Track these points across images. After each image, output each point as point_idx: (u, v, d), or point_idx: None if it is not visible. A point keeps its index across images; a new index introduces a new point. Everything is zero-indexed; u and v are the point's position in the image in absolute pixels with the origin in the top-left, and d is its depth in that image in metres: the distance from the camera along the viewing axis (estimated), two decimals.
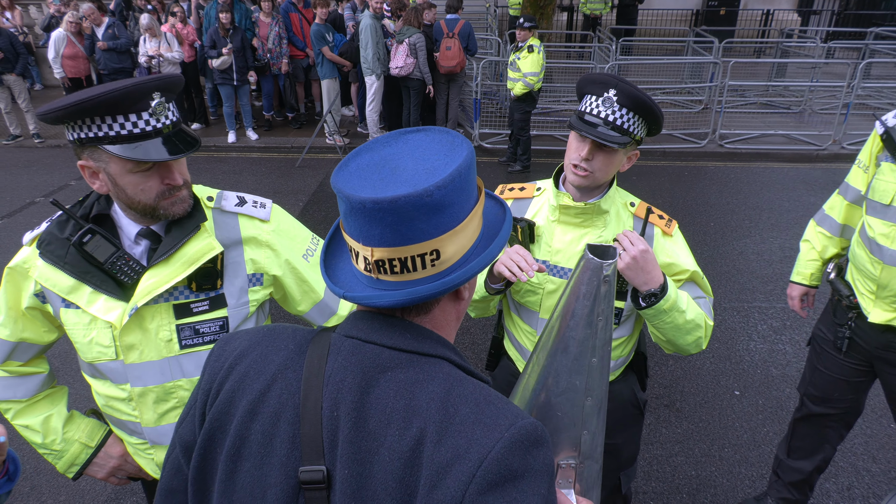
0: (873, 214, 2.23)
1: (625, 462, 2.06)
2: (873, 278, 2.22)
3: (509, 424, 0.81)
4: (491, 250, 0.89)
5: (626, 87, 1.64)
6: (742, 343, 4.31)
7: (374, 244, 0.84)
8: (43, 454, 1.64)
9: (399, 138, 0.93)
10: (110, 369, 1.51)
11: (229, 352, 0.98)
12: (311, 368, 0.89)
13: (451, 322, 0.97)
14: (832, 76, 10.97)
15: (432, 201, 0.81)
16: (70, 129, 1.33)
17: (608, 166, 1.71)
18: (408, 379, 0.86)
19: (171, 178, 1.41)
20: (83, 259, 1.43)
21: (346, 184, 0.85)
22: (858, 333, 2.37)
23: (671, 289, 1.67)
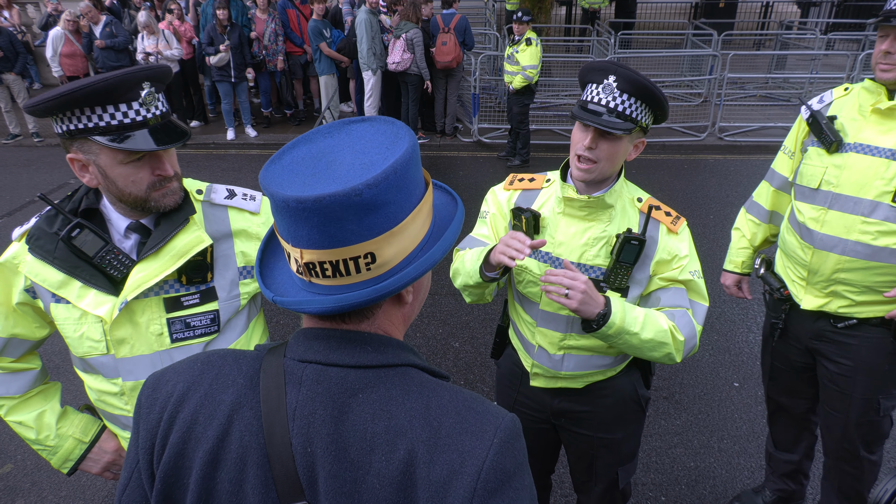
0: (802, 199, 2.23)
1: (624, 458, 2.06)
2: (804, 264, 2.22)
3: (494, 428, 0.80)
4: (433, 253, 0.83)
5: (626, 73, 1.62)
6: (741, 335, 4.30)
7: (302, 245, 0.79)
8: (37, 450, 1.64)
9: (342, 129, 0.87)
10: (102, 364, 1.51)
11: (163, 398, 0.88)
12: (269, 403, 0.82)
13: (399, 325, 0.91)
14: (832, 68, 10.92)
15: (362, 201, 0.75)
16: (59, 122, 1.33)
17: (613, 155, 1.68)
18: (381, 398, 0.81)
19: (162, 169, 1.41)
20: (72, 253, 1.42)
21: (273, 179, 0.80)
22: (793, 324, 2.38)
23: (614, 315, 1.62)
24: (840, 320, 2.21)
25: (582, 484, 2.16)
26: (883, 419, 2.30)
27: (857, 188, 2.05)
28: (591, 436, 2.00)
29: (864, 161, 2.05)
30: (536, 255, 1.83)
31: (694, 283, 1.78)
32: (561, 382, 1.94)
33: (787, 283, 2.35)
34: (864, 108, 2.09)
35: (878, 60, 2.01)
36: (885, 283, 2.07)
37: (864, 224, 2.03)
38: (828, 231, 2.12)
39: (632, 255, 1.71)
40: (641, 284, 1.78)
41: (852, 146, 2.08)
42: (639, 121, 1.65)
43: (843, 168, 2.08)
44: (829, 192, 2.12)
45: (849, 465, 2.40)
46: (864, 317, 2.16)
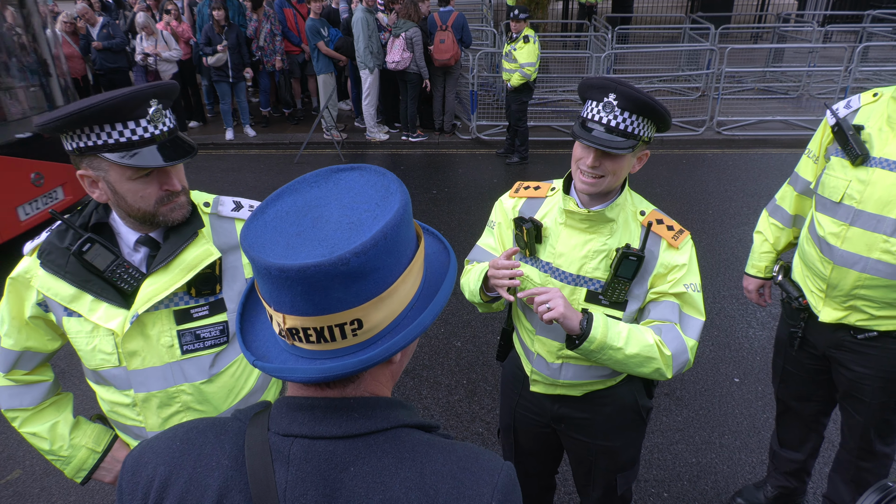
0: (823, 212, 2.17)
1: (622, 465, 2.07)
2: (823, 277, 2.18)
3: (491, 489, 0.79)
4: (424, 318, 0.79)
5: (626, 90, 1.60)
6: (741, 330, 4.33)
7: (285, 311, 0.74)
8: (51, 460, 1.67)
9: (329, 178, 0.83)
10: (113, 376, 1.54)
11: (145, 483, 0.83)
12: (258, 484, 0.78)
13: (387, 383, 0.87)
14: (830, 60, 10.93)
15: (349, 270, 0.71)
16: (68, 139, 1.35)
17: (617, 171, 1.68)
18: (374, 469, 0.78)
19: (170, 184, 1.43)
20: (83, 268, 1.45)
21: (255, 240, 0.76)
22: (811, 332, 2.35)
23: (595, 329, 1.63)
24: (860, 332, 2.18)
25: (582, 487, 2.20)
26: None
27: (880, 206, 1.98)
28: (590, 442, 2.02)
29: (890, 178, 1.97)
30: (537, 264, 1.85)
31: (689, 296, 1.75)
32: (560, 390, 1.96)
33: (806, 292, 2.32)
34: (893, 119, 2.01)
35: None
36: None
37: (886, 243, 1.98)
38: (849, 248, 2.07)
39: (630, 271, 1.71)
40: (640, 299, 1.78)
41: (878, 161, 2.00)
42: (641, 136, 1.64)
43: (868, 184, 2.01)
44: (852, 208, 2.05)
45: (865, 461, 2.43)
46: (884, 329, 2.14)
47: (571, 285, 1.80)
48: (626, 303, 1.77)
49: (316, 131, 8.44)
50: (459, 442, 0.86)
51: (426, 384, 3.87)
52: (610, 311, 1.77)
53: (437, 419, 3.59)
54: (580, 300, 1.80)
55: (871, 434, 2.35)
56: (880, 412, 2.29)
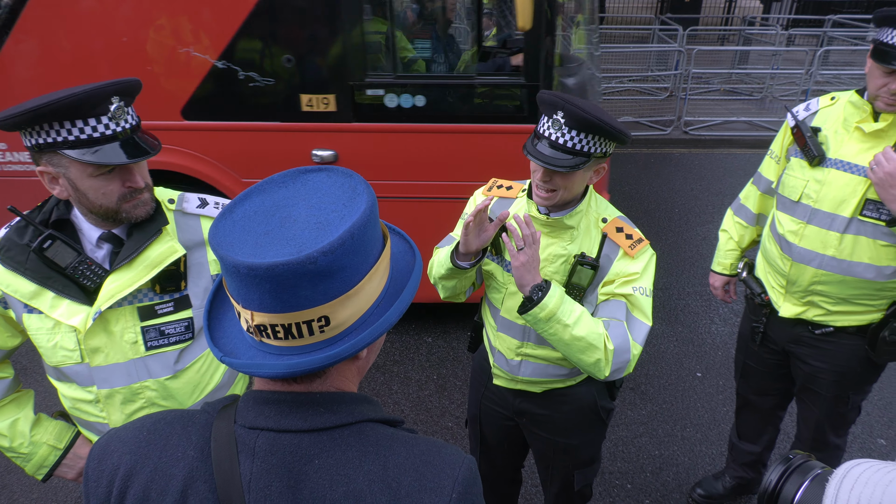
0: (783, 210, 2.25)
1: (580, 462, 2.11)
2: (783, 274, 2.27)
3: (452, 482, 0.82)
4: (389, 315, 0.81)
5: (573, 109, 1.57)
6: (704, 326, 4.45)
7: (253, 308, 0.76)
8: (11, 457, 1.65)
9: (297, 178, 0.84)
10: (76, 372, 1.53)
11: (110, 471, 0.84)
12: (223, 475, 0.80)
13: (353, 378, 0.90)
14: (792, 63, 11.22)
15: (317, 269, 0.72)
16: (27, 136, 1.34)
17: (570, 186, 1.68)
18: (338, 462, 0.80)
19: (133, 181, 1.43)
20: (44, 264, 1.44)
21: (223, 238, 0.77)
22: (771, 328, 2.44)
23: (550, 296, 1.61)
24: (818, 327, 2.27)
25: (544, 481, 2.25)
26: (851, 410, 2.42)
27: (835, 205, 2.07)
28: (550, 438, 2.06)
29: (843, 178, 2.06)
30: (501, 262, 1.88)
31: (636, 298, 1.73)
32: (520, 385, 1.99)
33: (768, 288, 2.41)
34: (848, 122, 2.08)
35: (880, 94, 1.95)
36: (859, 295, 2.14)
37: (839, 240, 2.07)
38: (805, 245, 2.15)
39: (584, 279, 1.72)
40: (593, 304, 1.80)
41: (833, 162, 2.09)
42: (592, 153, 1.63)
43: (824, 184, 2.09)
44: (809, 207, 2.14)
45: (820, 451, 2.52)
46: (840, 325, 2.23)
47: None
48: (583, 298, 1.80)
49: None
50: (423, 437, 0.88)
51: (397, 379, 3.89)
52: None
53: (406, 414, 3.61)
54: None
55: (825, 426, 2.45)
56: (834, 405, 2.38)
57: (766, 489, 0.87)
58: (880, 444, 3.38)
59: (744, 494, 3.01)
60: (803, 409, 2.53)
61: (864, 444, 3.38)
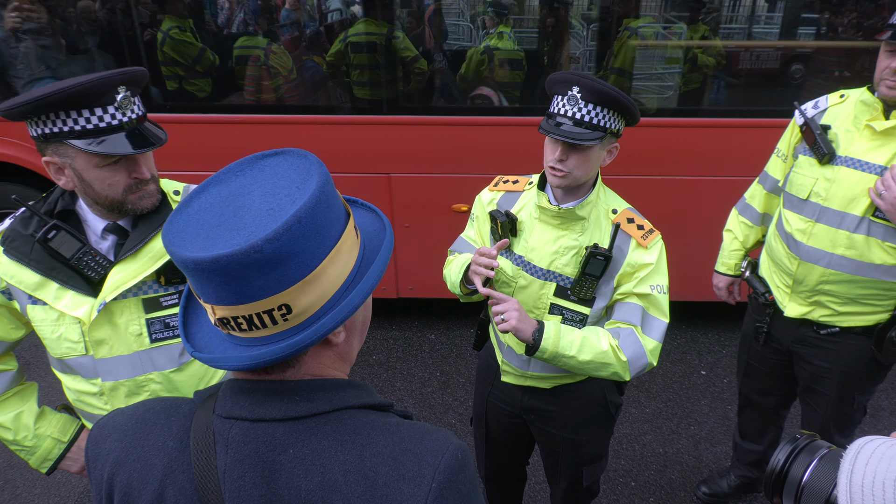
0: (790, 209, 2.22)
1: (589, 458, 2.10)
2: (789, 273, 2.24)
3: (433, 471, 0.78)
4: (352, 298, 0.78)
5: (589, 83, 1.61)
6: (709, 323, 4.42)
7: (212, 302, 0.75)
8: (15, 451, 1.64)
9: (254, 165, 0.81)
10: (80, 364, 1.52)
11: (103, 457, 0.86)
12: (200, 466, 0.79)
13: (333, 364, 0.86)
14: None
15: (263, 257, 0.69)
16: (33, 125, 1.33)
17: (585, 164, 1.69)
18: (313, 452, 0.78)
19: (139, 172, 1.42)
20: (49, 255, 1.43)
21: (176, 234, 0.75)
22: (775, 328, 2.41)
23: (546, 340, 1.68)
24: (823, 327, 2.24)
25: (551, 478, 2.24)
26: (856, 411, 2.39)
27: (845, 203, 2.04)
28: (558, 434, 2.05)
29: (854, 176, 2.03)
30: (510, 256, 1.87)
31: (654, 297, 1.75)
32: (529, 381, 1.98)
33: (772, 288, 2.37)
34: (859, 120, 2.05)
35: (883, 76, 1.93)
36: (867, 295, 2.11)
37: (849, 239, 2.04)
38: (814, 244, 2.12)
39: (597, 270, 1.72)
40: (607, 296, 1.79)
41: (843, 160, 2.06)
42: (608, 128, 1.65)
43: (833, 182, 2.07)
44: (818, 205, 2.11)
45: None
46: (846, 325, 2.20)
47: (542, 280, 1.82)
48: (593, 300, 1.80)
49: None
50: (408, 423, 0.85)
51: (399, 376, 3.88)
52: (577, 306, 1.80)
53: (410, 411, 3.60)
54: (549, 295, 1.82)
55: (830, 427, 2.43)
56: (839, 406, 2.36)
57: (774, 469, 0.86)
58: None
59: (749, 493, 2.99)
60: (807, 409, 2.50)
61: None
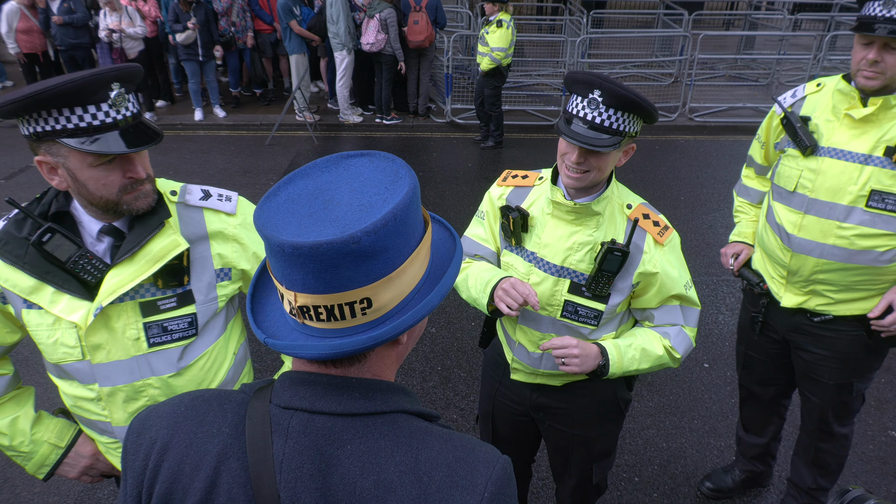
0: (780, 201, 2.25)
1: (599, 455, 2.10)
2: (783, 265, 2.26)
3: (486, 481, 0.79)
4: (431, 299, 0.81)
5: (611, 87, 1.58)
6: (711, 316, 4.41)
7: (297, 289, 0.77)
8: (11, 456, 1.61)
9: (339, 163, 0.85)
10: (77, 370, 1.48)
11: (147, 445, 0.86)
12: (256, 453, 0.80)
13: (391, 366, 0.89)
14: (799, 48, 11.07)
15: (360, 248, 0.73)
16: (24, 123, 1.28)
17: (603, 167, 1.67)
18: (370, 450, 0.79)
19: (134, 172, 1.37)
20: (43, 258, 1.38)
21: (269, 220, 0.78)
22: (771, 317, 2.43)
23: (613, 366, 1.75)
24: (816, 315, 2.26)
25: (559, 475, 2.22)
26: (855, 399, 2.40)
27: (831, 193, 2.07)
28: (568, 432, 2.03)
29: (838, 166, 2.06)
30: (522, 253, 1.84)
31: (686, 295, 1.81)
32: (540, 379, 1.96)
33: (767, 279, 2.39)
34: (837, 110, 2.09)
35: (860, 68, 1.98)
36: (862, 282, 2.13)
37: (840, 229, 2.06)
38: (805, 235, 2.15)
39: (614, 266, 1.71)
40: (624, 293, 1.78)
41: (826, 150, 2.09)
42: (626, 132, 1.62)
43: (819, 173, 2.09)
44: (805, 197, 2.13)
45: (823, 441, 2.51)
46: (839, 314, 2.21)
47: (555, 276, 1.79)
48: (608, 296, 1.77)
49: (288, 113, 8.27)
50: (458, 433, 0.86)
51: (400, 371, 3.85)
52: (592, 303, 1.78)
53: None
54: (563, 291, 1.79)
55: (828, 416, 2.43)
56: (838, 394, 2.36)
57: None
58: (892, 437, 3.35)
59: (753, 487, 2.98)
60: (806, 399, 2.50)
61: (874, 436, 3.35)
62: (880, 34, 1.88)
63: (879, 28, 1.89)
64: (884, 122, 2.00)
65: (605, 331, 1.86)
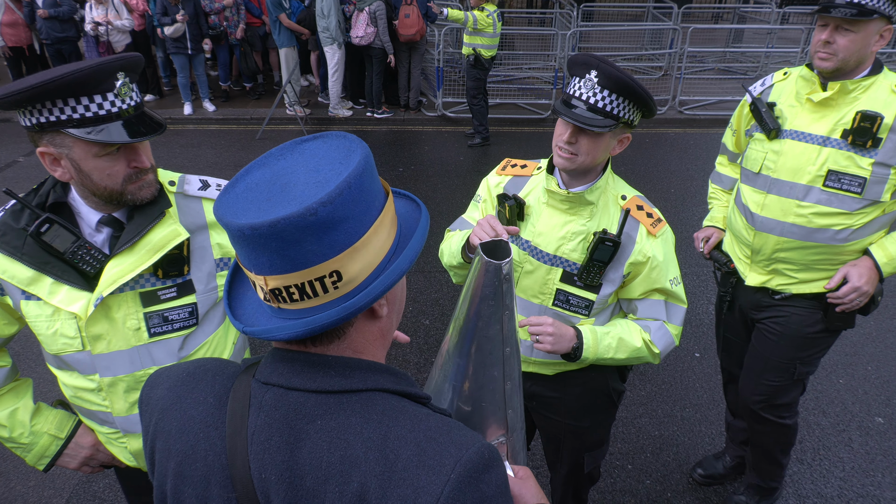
0: (746, 182, 2.35)
1: (590, 445, 2.11)
2: (748, 244, 2.36)
3: (454, 462, 0.76)
4: (400, 263, 0.81)
5: (608, 69, 1.59)
6: (702, 306, 4.45)
7: (265, 272, 0.77)
8: (11, 448, 1.61)
9: (294, 149, 0.85)
10: (77, 360, 1.49)
11: (154, 406, 0.93)
12: (233, 425, 0.83)
13: (375, 341, 0.89)
14: (787, 41, 11.16)
15: (318, 220, 0.72)
16: (26, 115, 1.27)
17: (594, 150, 1.67)
18: (339, 426, 0.79)
19: (139, 161, 1.38)
20: (42, 249, 1.39)
21: (227, 209, 0.77)
22: (738, 296, 2.54)
23: (586, 350, 1.73)
24: (778, 293, 2.36)
25: (552, 463, 2.25)
26: (795, 384, 2.47)
27: (792, 173, 2.17)
28: (560, 421, 2.05)
29: (798, 147, 2.16)
30: (517, 241, 1.85)
31: (672, 290, 1.79)
32: (532, 367, 1.97)
33: (734, 259, 2.50)
34: (800, 95, 2.19)
35: (816, 49, 2.07)
36: (820, 261, 2.22)
37: (799, 207, 2.16)
38: (767, 214, 2.24)
39: (606, 255, 1.72)
40: (615, 283, 1.79)
41: (788, 132, 2.19)
42: (621, 117, 1.62)
43: (781, 154, 2.19)
44: (768, 177, 2.23)
45: (761, 425, 2.58)
46: (797, 292, 2.31)
47: (548, 265, 1.81)
48: (600, 286, 1.79)
49: (278, 107, 8.24)
50: (441, 416, 0.84)
51: (394, 363, 3.87)
52: (584, 292, 1.79)
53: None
54: (555, 280, 1.81)
55: (763, 397, 2.51)
56: (779, 373, 2.44)
57: None
58: (878, 423, 3.41)
59: (744, 473, 3.03)
60: (744, 376, 2.57)
61: (861, 422, 3.41)
62: (834, 16, 1.98)
63: (835, 11, 1.98)
64: (842, 105, 2.09)
65: (597, 322, 1.87)
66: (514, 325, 1.14)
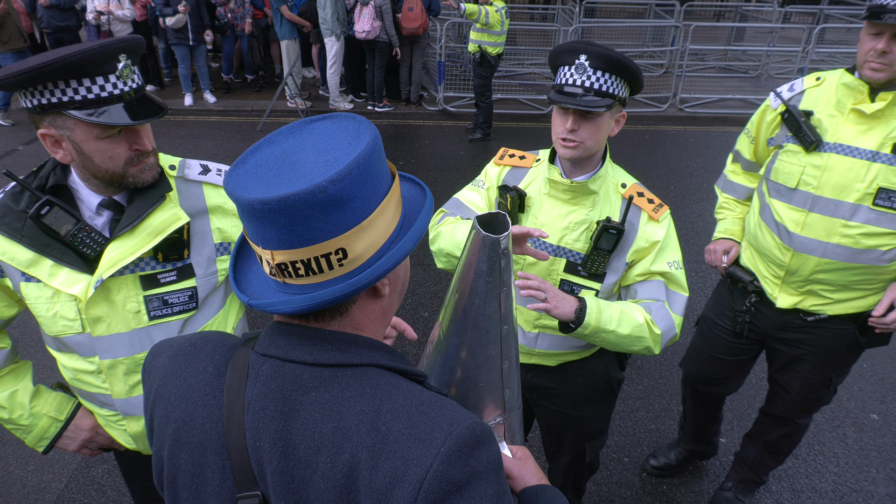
0: (778, 198, 2.16)
1: (591, 434, 2.12)
2: (781, 265, 2.18)
3: (445, 436, 0.77)
4: (404, 243, 0.83)
5: (597, 49, 1.60)
6: (700, 302, 4.46)
7: (272, 247, 0.78)
8: (10, 429, 1.62)
9: (303, 128, 0.86)
10: (77, 343, 1.49)
11: (155, 373, 0.95)
12: (230, 394, 0.86)
13: (375, 320, 0.90)
14: (788, 41, 11.15)
15: (327, 197, 0.74)
16: (28, 96, 1.28)
17: (596, 133, 1.68)
18: (333, 398, 0.81)
19: (140, 144, 1.38)
20: (42, 232, 1.39)
21: (237, 183, 0.79)
22: (757, 317, 2.36)
23: (589, 314, 1.64)
24: (811, 315, 2.21)
25: (552, 454, 2.25)
26: (829, 392, 2.41)
27: (837, 191, 1.99)
28: (561, 412, 2.06)
29: (845, 162, 1.98)
30: None
31: (672, 273, 1.76)
32: (534, 359, 1.98)
33: (760, 279, 2.31)
34: (842, 104, 2.01)
35: (867, 59, 1.90)
36: (860, 281, 2.09)
37: (845, 227, 2.00)
38: (808, 234, 2.07)
39: (610, 243, 1.72)
40: (618, 272, 1.79)
41: (832, 146, 2.01)
42: (616, 95, 1.64)
43: (824, 169, 2.01)
44: (809, 194, 2.05)
45: (784, 428, 2.55)
46: (833, 313, 2.17)
47: (551, 255, 1.81)
48: (604, 275, 1.79)
49: (279, 99, 8.23)
50: (436, 394, 0.85)
51: None
52: (588, 282, 1.79)
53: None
54: (559, 271, 1.81)
55: (799, 407, 2.45)
56: (815, 388, 2.37)
57: None
58: (872, 419, 3.43)
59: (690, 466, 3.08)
60: (780, 388, 2.46)
61: (856, 418, 3.42)
62: (890, 23, 1.80)
63: (889, 17, 1.81)
64: (891, 118, 1.93)
65: None
66: (511, 302, 1.12)
